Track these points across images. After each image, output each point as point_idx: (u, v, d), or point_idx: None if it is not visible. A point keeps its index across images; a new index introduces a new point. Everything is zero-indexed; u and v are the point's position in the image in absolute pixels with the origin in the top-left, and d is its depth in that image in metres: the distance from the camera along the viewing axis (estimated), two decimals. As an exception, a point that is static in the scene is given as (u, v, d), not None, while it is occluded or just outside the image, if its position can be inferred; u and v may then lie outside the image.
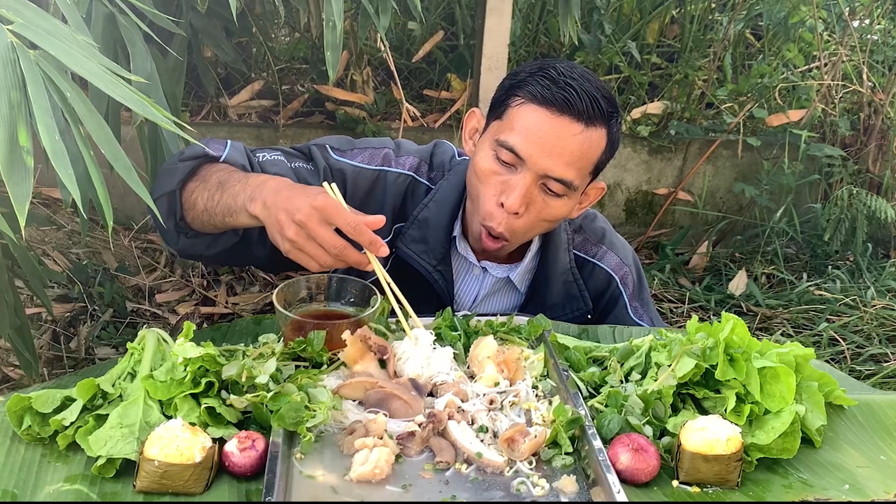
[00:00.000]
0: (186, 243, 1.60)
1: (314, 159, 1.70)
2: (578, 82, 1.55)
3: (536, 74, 1.58)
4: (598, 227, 1.90)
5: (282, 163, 1.66)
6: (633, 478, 1.19)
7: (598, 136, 1.59)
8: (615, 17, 4.14)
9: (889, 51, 4.05)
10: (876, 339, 3.26)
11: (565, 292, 1.80)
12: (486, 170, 1.60)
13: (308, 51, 4.05)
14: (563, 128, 1.54)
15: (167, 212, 1.55)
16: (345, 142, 1.78)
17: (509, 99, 1.60)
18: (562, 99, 1.54)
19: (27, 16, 1.15)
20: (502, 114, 1.61)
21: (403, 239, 1.74)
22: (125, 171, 1.17)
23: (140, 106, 1.16)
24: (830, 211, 3.73)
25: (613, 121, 1.61)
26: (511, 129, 1.57)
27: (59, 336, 2.86)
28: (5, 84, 1.07)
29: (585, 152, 1.57)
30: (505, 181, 1.59)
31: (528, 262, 1.80)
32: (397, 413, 1.29)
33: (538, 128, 1.55)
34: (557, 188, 1.58)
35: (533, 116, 1.55)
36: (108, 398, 1.23)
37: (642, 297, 1.90)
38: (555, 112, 1.54)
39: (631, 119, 3.99)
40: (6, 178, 1.05)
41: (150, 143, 2.09)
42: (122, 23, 1.76)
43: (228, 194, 1.46)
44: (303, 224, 1.32)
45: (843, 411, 1.40)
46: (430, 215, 1.72)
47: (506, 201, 1.57)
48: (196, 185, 1.54)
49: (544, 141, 1.54)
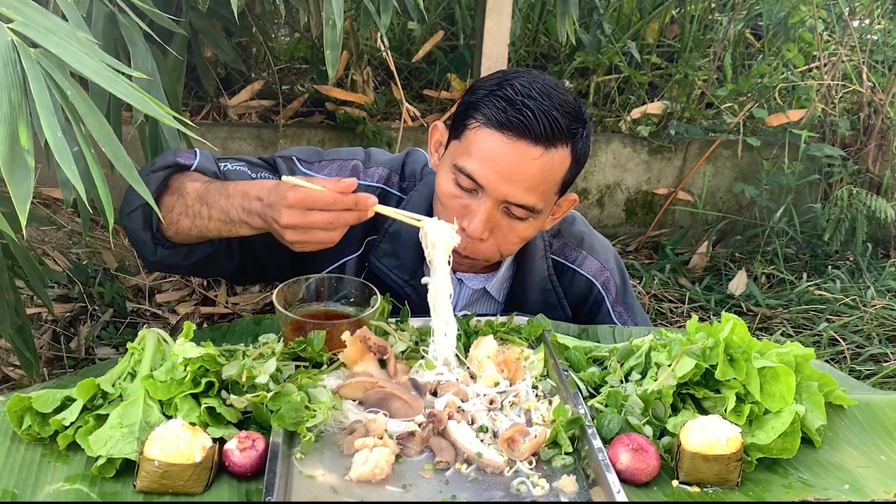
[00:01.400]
0: (164, 254, 1.59)
1: (279, 171, 1.68)
2: (537, 102, 1.47)
3: (493, 95, 1.50)
4: (577, 231, 1.83)
5: (244, 173, 1.64)
6: (633, 478, 1.19)
7: (561, 157, 1.51)
8: (615, 17, 4.14)
9: (889, 51, 4.05)
10: (876, 339, 3.26)
11: (543, 300, 1.75)
12: (446, 193, 1.55)
13: (308, 51, 4.05)
14: (521, 153, 1.48)
15: (143, 224, 1.54)
16: (313, 153, 1.75)
17: (466, 120, 1.54)
18: (518, 123, 1.46)
19: (27, 14, 1.15)
20: (461, 134, 1.55)
21: (375, 253, 1.69)
22: (126, 170, 1.17)
23: (141, 102, 1.16)
24: (830, 211, 3.73)
25: (578, 137, 1.53)
26: (469, 153, 1.51)
27: (59, 336, 2.86)
28: (6, 82, 1.07)
29: (546, 176, 1.51)
30: (466, 205, 1.53)
31: (504, 271, 1.76)
32: (397, 413, 1.29)
33: (495, 154, 1.48)
34: (520, 213, 1.53)
35: (489, 142, 1.49)
36: (108, 398, 1.23)
37: (626, 301, 1.85)
38: (511, 137, 1.47)
39: (631, 119, 3.99)
40: (7, 177, 1.05)
41: (151, 142, 2.09)
42: (123, 22, 1.76)
43: (217, 209, 1.47)
44: (291, 225, 1.35)
45: (843, 411, 1.40)
46: (401, 228, 1.66)
47: (467, 227, 1.52)
48: (174, 198, 1.53)
49: (502, 167, 1.48)
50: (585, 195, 3.99)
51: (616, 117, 4.09)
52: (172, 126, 1.21)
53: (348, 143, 3.62)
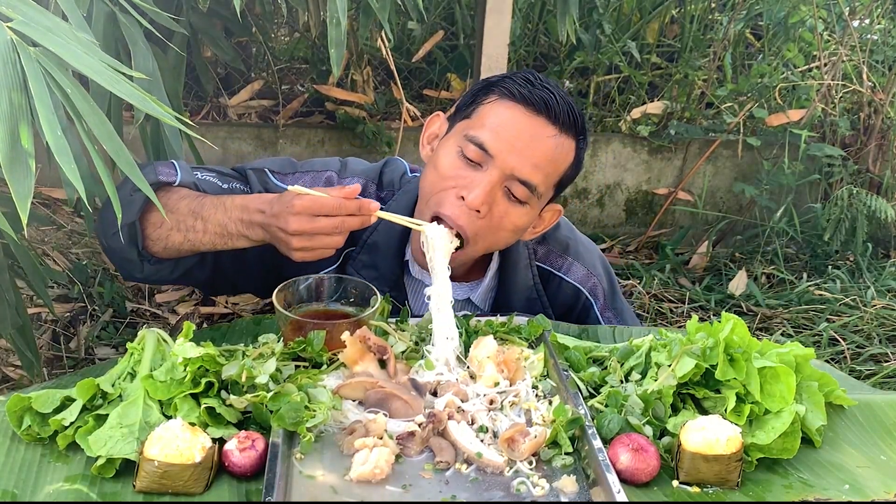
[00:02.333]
0: (151, 270, 1.59)
1: (250, 183, 1.67)
2: (556, 90, 1.54)
3: (513, 76, 1.55)
4: (563, 238, 1.82)
5: (214, 184, 1.64)
6: (633, 478, 1.19)
7: (569, 147, 1.55)
8: (615, 17, 4.14)
9: (889, 51, 4.04)
10: (876, 339, 3.26)
11: (528, 309, 1.73)
12: (447, 165, 1.54)
13: (308, 51, 4.05)
14: (539, 128, 1.51)
15: (128, 243, 1.54)
16: (287, 164, 1.74)
17: (478, 98, 1.57)
18: (540, 98, 1.51)
19: (27, 13, 1.15)
20: (471, 113, 1.57)
21: (354, 264, 1.68)
22: (128, 167, 1.17)
23: (142, 102, 1.16)
24: (830, 211, 3.72)
25: (581, 138, 1.58)
26: (482, 125, 1.53)
27: (58, 336, 2.85)
28: (6, 82, 1.07)
29: (555, 158, 1.53)
30: (467, 177, 1.52)
31: (489, 280, 1.75)
32: (397, 413, 1.29)
33: (512, 124, 1.51)
34: (521, 193, 1.53)
35: (507, 113, 1.52)
36: (107, 398, 1.23)
37: (615, 305, 1.84)
38: (531, 111, 1.51)
39: (631, 119, 3.98)
40: (8, 176, 1.05)
41: (153, 141, 2.09)
42: (123, 21, 1.75)
43: (213, 223, 1.49)
44: (298, 231, 1.38)
45: (843, 411, 1.40)
46: (379, 239, 1.66)
47: (468, 195, 1.50)
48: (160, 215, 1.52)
49: (516, 138, 1.50)
50: (585, 195, 3.99)
51: (616, 117, 4.09)
52: (174, 126, 1.21)
53: (348, 143, 3.62)
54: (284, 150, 3.62)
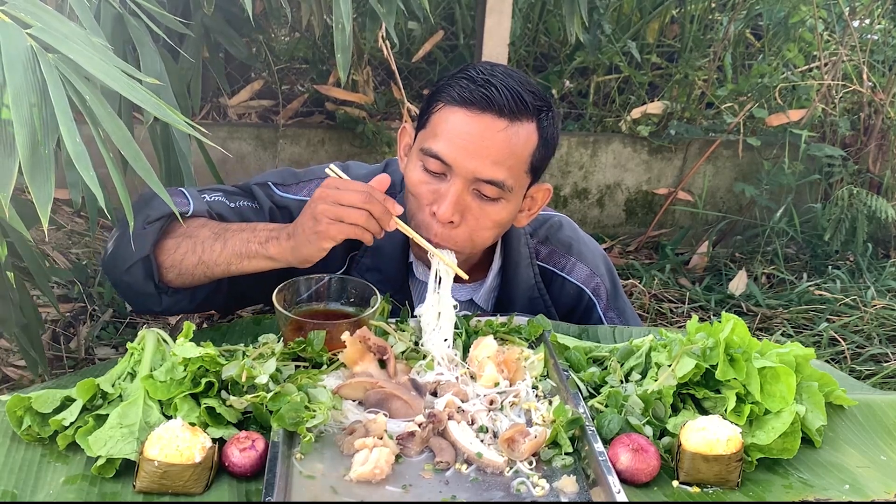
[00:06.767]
0: (169, 302, 1.59)
1: (257, 199, 1.68)
2: (499, 79, 1.50)
3: (455, 78, 1.53)
4: (565, 238, 1.81)
5: (222, 204, 1.64)
6: (633, 478, 1.19)
7: (527, 132, 1.52)
8: (615, 17, 4.14)
9: (889, 51, 4.04)
10: (876, 339, 3.26)
11: (531, 309, 1.73)
12: (415, 181, 1.55)
13: (308, 51, 4.05)
14: (486, 126, 1.49)
15: (144, 277, 1.54)
16: (288, 175, 1.74)
17: (430, 106, 1.55)
18: (481, 97, 1.48)
19: (45, 19, 1.15)
20: (426, 122, 1.56)
21: (358, 268, 1.69)
22: (145, 172, 1.18)
23: (155, 108, 1.17)
24: (830, 211, 3.73)
25: (543, 115, 1.54)
26: (435, 135, 1.52)
27: (58, 336, 2.85)
28: (26, 87, 1.08)
29: (514, 149, 1.51)
30: (436, 190, 1.52)
31: (491, 280, 1.75)
32: (397, 413, 1.29)
33: (460, 129, 1.49)
34: (490, 191, 1.52)
35: (454, 118, 1.50)
36: (107, 398, 1.23)
37: (618, 305, 1.84)
38: (475, 111, 1.49)
39: (631, 119, 3.98)
40: (29, 181, 1.06)
41: (164, 142, 2.10)
42: (132, 23, 1.76)
43: (234, 241, 1.50)
44: (323, 197, 1.41)
45: (843, 411, 1.40)
46: (382, 242, 1.61)
47: (437, 210, 1.51)
48: (178, 242, 1.54)
49: (467, 142, 1.49)
50: (585, 195, 3.99)
51: (616, 117, 4.10)
52: (184, 131, 1.22)
53: (348, 143, 3.62)
54: (284, 151, 3.62)
